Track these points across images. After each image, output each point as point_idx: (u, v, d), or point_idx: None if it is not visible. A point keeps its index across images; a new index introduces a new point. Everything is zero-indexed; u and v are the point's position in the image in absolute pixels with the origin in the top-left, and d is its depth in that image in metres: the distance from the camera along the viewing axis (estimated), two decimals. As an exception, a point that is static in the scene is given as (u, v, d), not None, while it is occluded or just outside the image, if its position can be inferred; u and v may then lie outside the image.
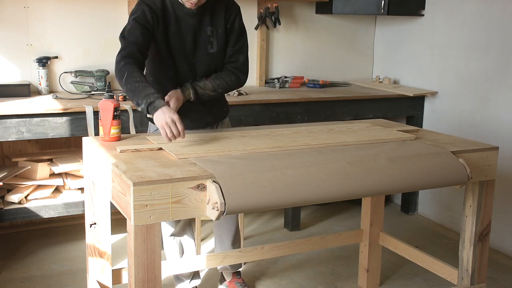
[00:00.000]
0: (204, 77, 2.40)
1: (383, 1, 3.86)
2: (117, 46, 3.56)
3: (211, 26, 2.35)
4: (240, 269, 2.89)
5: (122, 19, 3.59)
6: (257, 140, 2.19)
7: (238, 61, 2.43)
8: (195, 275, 2.77)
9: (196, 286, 2.79)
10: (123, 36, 2.26)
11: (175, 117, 2.00)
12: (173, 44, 2.33)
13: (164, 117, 2.00)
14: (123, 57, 2.18)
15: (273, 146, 2.09)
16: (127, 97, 3.25)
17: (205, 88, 2.35)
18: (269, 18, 3.92)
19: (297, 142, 2.17)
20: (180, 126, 2.00)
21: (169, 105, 2.14)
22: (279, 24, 3.94)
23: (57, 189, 3.20)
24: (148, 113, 2.05)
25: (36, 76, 3.35)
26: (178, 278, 2.74)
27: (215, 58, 2.40)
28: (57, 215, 3.08)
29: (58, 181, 3.18)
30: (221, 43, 2.39)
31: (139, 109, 2.07)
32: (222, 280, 2.93)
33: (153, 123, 2.23)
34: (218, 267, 2.82)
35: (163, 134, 2.01)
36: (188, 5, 2.28)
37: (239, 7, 2.44)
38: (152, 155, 1.96)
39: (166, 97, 2.21)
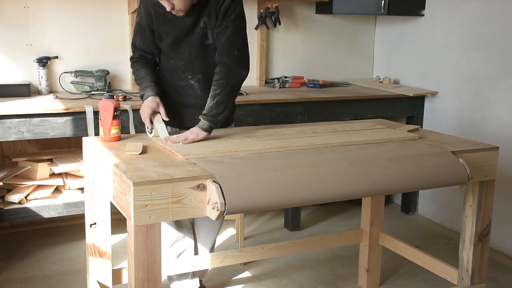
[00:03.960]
0: (204, 79, 2.39)
1: (383, 1, 3.86)
2: (117, 46, 3.61)
3: (204, 16, 2.30)
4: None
5: (122, 19, 3.59)
6: (263, 141, 2.19)
7: (228, 64, 2.28)
8: (192, 274, 2.72)
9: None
10: (132, 39, 2.50)
11: (145, 109, 2.28)
12: (168, 38, 2.36)
13: (143, 106, 2.31)
14: (131, 60, 2.49)
15: (279, 147, 2.09)
16: (127, 97, 3.26)
17: (214, 116, 2.23)
18: (269, 18, 3.92)
19: (302, 142, 2.17)
20: (142, 116, 2.29)
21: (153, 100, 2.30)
22: (279, 24, 3.94)
23: (57, 189, 3.20)
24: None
25: (36, 76, 3.35)
26: (171, 278, 2.70)
27: (212, 49, 2.35)
28: (57, 215, 3.08)
29: (58, 181, 3.18)
30: (215, 33, 2.33)
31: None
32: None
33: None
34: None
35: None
36: (174, 13, 2.24)
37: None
38: (153, 155, 1.96)
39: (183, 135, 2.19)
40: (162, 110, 2.27)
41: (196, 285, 2.73)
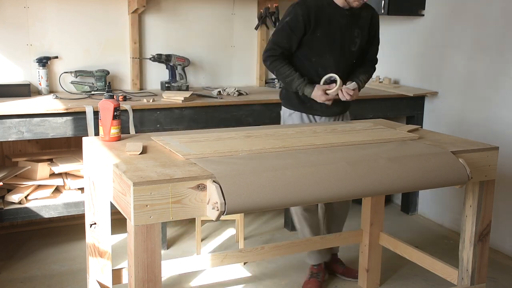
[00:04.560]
0: (350, 70, 2.84)
1: (383, 1, 3.86)
2: (117, 46, 3.62)
3: (358, 28, 2.75)
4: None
5: (122, 19, 3.59)
6: (263, 140, 2.19)
7: (375, 60, 2.98)
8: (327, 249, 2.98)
9: (325, 260, 3.01)
10: (273, 37, 2.76)
11: (318, 93, 2.71)
12: (323, 39, 2.69)
13: (316, 96, 2.72)
14: (267, 57, 2.75)
15: (279, 147, 2.09)
16: (127, 97, 3.26)
17: (363, 82, 2.86)
18: (269, 18, 3.92)
19: (303, 142, 2.17)
20: (324, 98, 2.71)
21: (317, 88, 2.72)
22: (279, 24, 3.94)
23: (57, 189, 3.20)
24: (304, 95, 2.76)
25: (36, 76, 3.35)
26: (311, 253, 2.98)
27: (355, 55, 2.83)
28: (57, 215, 3.08)
29: (58, 181, 3.18)
30: (362, 44, 2.80)
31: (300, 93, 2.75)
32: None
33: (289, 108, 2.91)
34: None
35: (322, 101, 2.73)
36: (355, 4, 2.64)
37: (377, 14, 2.89)
38: (153, 155, 1.96)
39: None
40: (329, 89, 2.71)
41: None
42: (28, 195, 3.07)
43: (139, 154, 1.97)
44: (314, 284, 2.92)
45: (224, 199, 1.66)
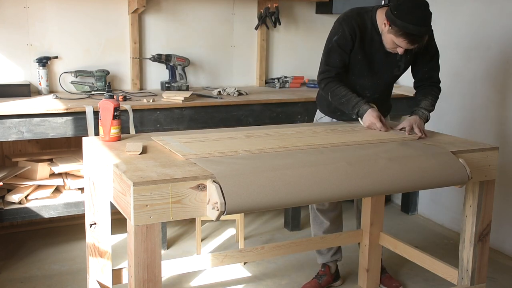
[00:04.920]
0: (389, 91, 2.76)
1: (383, 1, 3.86)
2: (117, 46, 3.62)
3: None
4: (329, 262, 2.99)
5: (122, 19, 3.59)
6: (263, 140, 2.19)
7: (434, 77, 2.63)
8: (337, 249, 2.97)
9: (337, 259, 2.98)
10: (324, 58, 2.59)
11: (374, 119, 2.48)
12: (362, 60, 2.57)
13: (369, 119, 2.49)
14: (322, 80, 2.60)
15: (279, 146, 2.09)
16: (127, 97, 3.26)
17: (428, 111, 2.57)
18: (269, 18, 3.92)
19: (302, 142, 2.17)
20: (379, 124, 2.46)
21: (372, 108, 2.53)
22: (279, 24, 3.94)
23: (57, 189, 3.20)
24: (359, 118, 2.55)
25: (36, 76, 3.35)
26: (320, 252, 2.96)
27: (397, 78, 2.68)
28: (57, 215, 3.08)
29: (58, 181, 3.18)
30: (407, 67, 2.62)
31: (353, 117, 2.57)
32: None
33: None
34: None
35: (372, 128, 2.50)
36: (399, 51, 2.42)
37: (431, 31, 2.46)
38: (153, 155, 1.96)
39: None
40: (382, 119, 2.50)
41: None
42: (28, 195, 3.07)
43: (139, 154, 1.97)
44: (312, 284, 2.93)
45: (224, 199, 1.66)
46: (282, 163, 1.88)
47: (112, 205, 2.13)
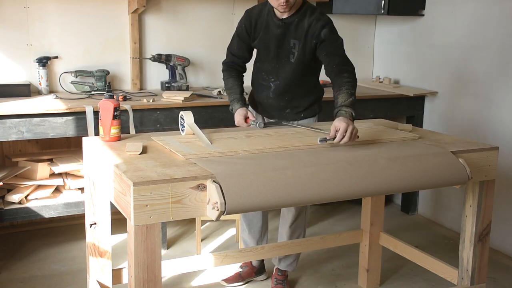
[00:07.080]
0: (299, 81, 2.67)
1: (383, 1, 3.86)
2: (117, 46, 3.62)
3: (294, 39, 2.56)
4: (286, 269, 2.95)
5: (122, 19, 3.59)
6: (263, 140, 2.19)
7: (336, 60, 2.51)
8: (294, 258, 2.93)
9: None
10: (228, 46, 2.78)
11: (241, 119, 2.60)
12: (261, 47, 2.68)
13: (236, 118, 2.63)
14: (223, 65, 2.77)
15: (279, 147, 2.09)
16: (127, 97, 3.26)
17: (350, 106, 2.30)
18: (269, 18, 3.91)
19: (303, 142, 2.17)
20: (245, 125, 2.58)
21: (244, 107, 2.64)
22: (279, 24, 3.93)
23: (57, 189, 3.20)
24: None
25: (36, 76, 3.35)
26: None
27: (294, 67, 2.62)
28: (57, 215, 3.08)
29: (58, 181, 3.18)
30: (300, 55, 2.58)
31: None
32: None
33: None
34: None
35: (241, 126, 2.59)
36: (280, 9, 2.47)
37: (325, 21, 2.51)
38: (153, 155, 1.96)
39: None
40: (250, 115, 2.60)
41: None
42: (28, 195, 3.07)
43: (139, 154, 1.97)
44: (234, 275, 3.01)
45: (224, 199, 1.66)
46: (282, 163, 1.88)
47: (112, 205, 2.13)
